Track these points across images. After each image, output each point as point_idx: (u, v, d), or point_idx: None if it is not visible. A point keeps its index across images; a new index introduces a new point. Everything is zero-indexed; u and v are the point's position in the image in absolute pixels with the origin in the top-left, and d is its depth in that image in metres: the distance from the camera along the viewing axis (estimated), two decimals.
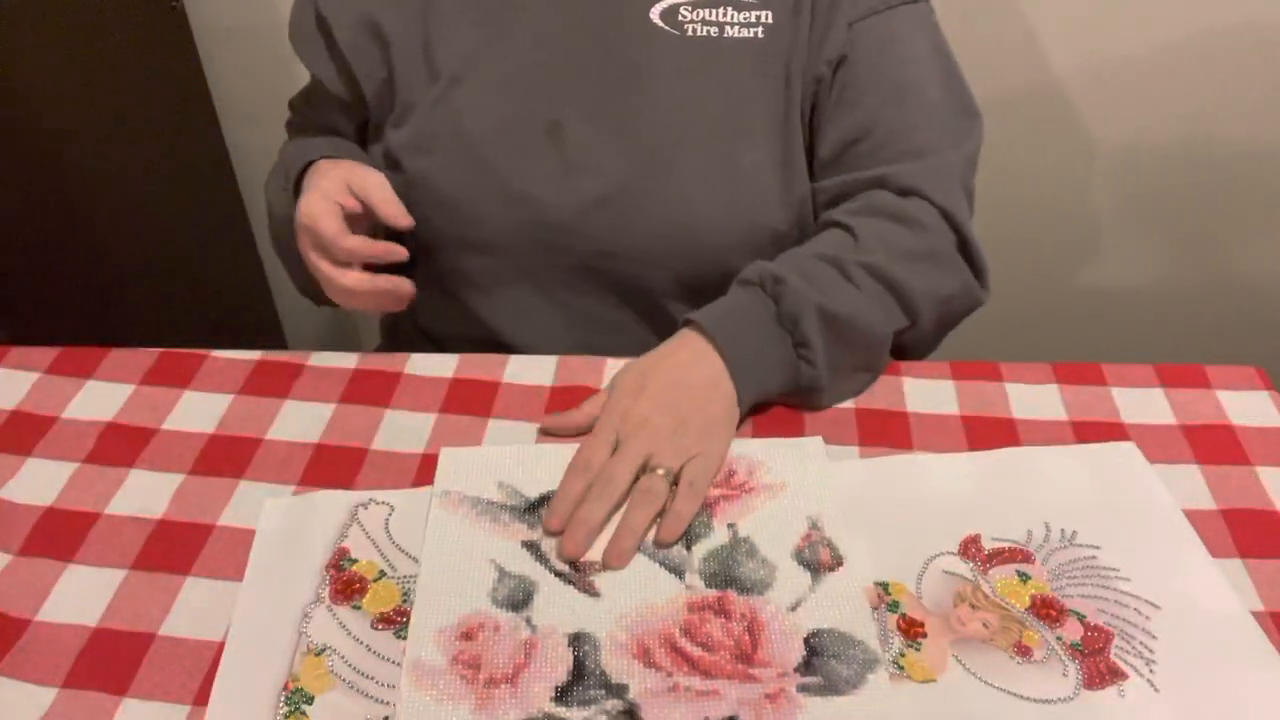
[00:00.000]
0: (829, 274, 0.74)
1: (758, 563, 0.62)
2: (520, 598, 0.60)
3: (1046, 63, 1.31)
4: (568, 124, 0.82)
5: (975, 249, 0.82)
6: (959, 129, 0.84)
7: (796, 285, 0.72)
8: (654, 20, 0.82)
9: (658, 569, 0.62)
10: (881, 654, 0.56)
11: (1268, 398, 0.73)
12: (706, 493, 0.66)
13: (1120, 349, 1.54)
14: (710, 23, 0.81)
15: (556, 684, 0.55)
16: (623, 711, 0.54)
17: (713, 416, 0.69)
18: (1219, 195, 1.40)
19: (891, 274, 0.75)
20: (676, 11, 0.82)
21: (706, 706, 0.54)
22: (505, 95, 0.83)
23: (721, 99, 0.82)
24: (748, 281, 0.74)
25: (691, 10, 0.82)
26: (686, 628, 0.58)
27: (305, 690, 0.55)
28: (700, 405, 0.69)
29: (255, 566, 0.62)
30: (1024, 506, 0.65)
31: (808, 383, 0.72)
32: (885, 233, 0.78)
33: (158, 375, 0.78)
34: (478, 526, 0.64)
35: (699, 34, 0.82)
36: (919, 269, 0.77)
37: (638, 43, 0.82)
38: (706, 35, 0.82)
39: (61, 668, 0.57)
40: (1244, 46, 1.26)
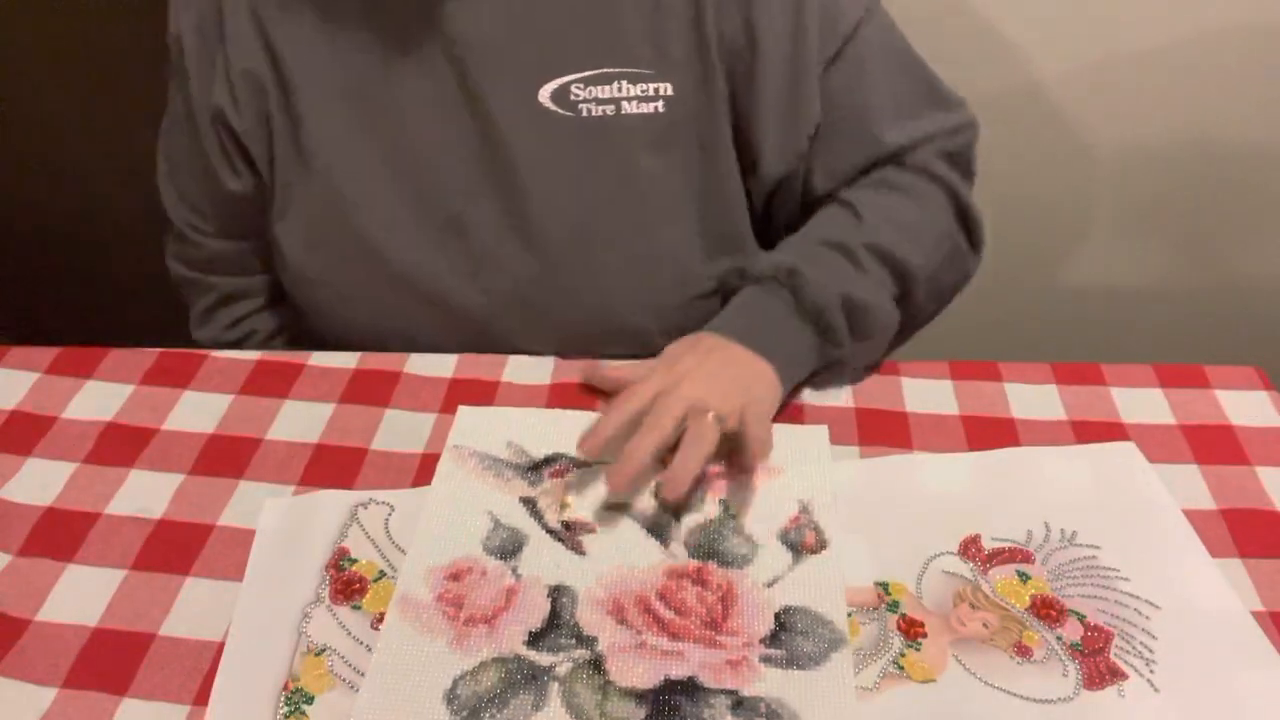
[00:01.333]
0: (839, 262, 0.74)
1: (742, 539, 0.63)
2: (510, 548, 0.63)
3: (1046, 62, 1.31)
4: (467, 217, 0.79)
5: (973, 217, 0.82)
6: (936, 115, 0.82)
7: (814, 276, 0.72)
8: (543, 103, 0.76)
9: (644, 535, 0.64)
10: (849, 636, 0.57)
11: (1267, 398, 0.73)
12: (771, 430, 0.68)
13: (1120, 349, 1.54)
14: (605, 100, 0.76)
15: (531, 629, 0.58)
16: (589, 661, 0.56)
17: (761, 376, 0.70)
18: (1218, 195, 1.40)
19: (894, 253, 0.75)
20: (568, 91, 0.76)
21: (668, 665, 0.56)
22: (395, 186, 0.79)
23: (629, 182, 0.78)
24: (762, 277, 0.74)
25: (584, 88, 0.76)
26: (663, 592, 0.60)
27: (305, 690, 0.55)
28: (748, 364, 0.70)
29: (255, 566, 0.62)
30: (1024, 506, 0.65)
31: (833, 361, 0.74)
32: (887, 208, 0.78)
33: (157, 375, 0.78)
34: (481, 479, 0.67)
35: (594, 114, 0.76)
36: (920, 243, 0.77)
37: (528, 128, 0.76)
38: (603, 115, 0.76)
39: (61, 668, 0.57)
40: (1244, 46, 1.26)
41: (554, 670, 0.56)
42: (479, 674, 0.56)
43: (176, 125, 0.85)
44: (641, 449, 0.64)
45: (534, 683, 0.55)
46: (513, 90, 0.76)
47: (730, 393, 0.67)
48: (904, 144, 0.80)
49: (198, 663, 0.57)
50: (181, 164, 0.86)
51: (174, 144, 0.87)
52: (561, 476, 0.68)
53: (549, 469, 0.68)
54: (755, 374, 0.70)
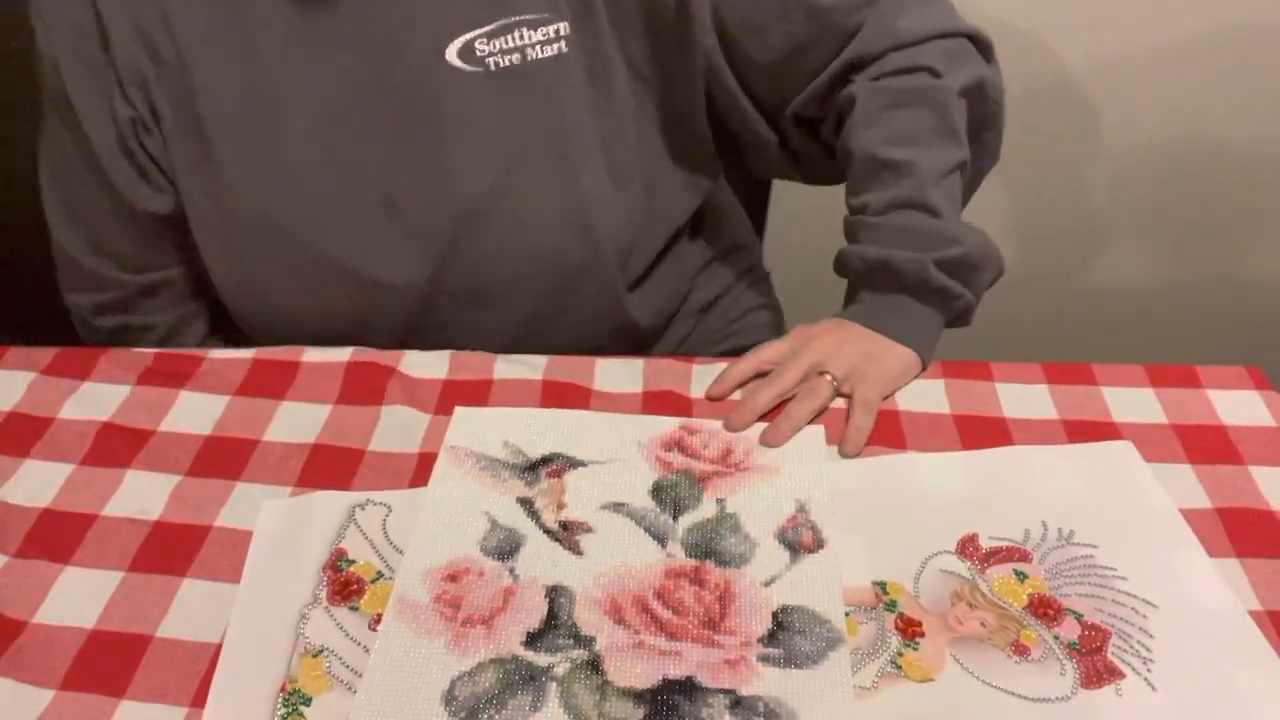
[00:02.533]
0: (914, 220, 0.76)
1: (740, 538, 0.63)
2: (508, 549, 0.63)
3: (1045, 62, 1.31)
4: (399, 193, 0.78)
5: (979, 36, 0.82)
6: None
7: (903, 257, 0.74)
8: (451, 61, 0.76)
9: (642, 535, 0.64)
10: (846, 635, 0.57)
11: (1259, 397, 0.73)
12: (877, 412, 0.71)
13: (1115, 349, 1.54)
14: (510, 50, 0.76)
15: (528, 630, 0.58)
16: (587, 662, 0.56)
17: (890, 351, 0.74)
18: (1217, 195, 1.40)
19: (945, 167, 0.77)
20: (473, 47, 0.76)
21: (666, 665, 0.56)
22: (316, 176, 0.77)
23: (547, 127, 0.79)
24: (860, 276, 0.78)
25: (488, 41, 0.76)
26: (660, 592, 0.60)
27: (303, 691, 0.55)
28: (881, 344, 0.75)
29: (253, 567, 0.62)
30: (1021, 506, 0.65)
31: (963, 309, 0.77)
32: (917, 129, 0.78)
33: (154, 376, 0.78)
34: (478, 480, 0.68)
35: (502, 65, 0.76)
36: (956, 135, 0.78)
37: (439, 88, 0.76)
38: (510, 65, 0.76)
39: (59, 669, 0.57)
40: (1244, 46, 1.26)
41: (552, 671, 0.56)
42: (477, 675, 0.56)
43: (69, 167, 0.80)
44: (763, 395, 0.71)
45: (532, 683, 0.55)
46: (420, 57, 0.76)
47: (854, 360, 0.73)
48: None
49: (195, 664, 0.57)
50: (86, 207, 0.82)
51: (71, 190, 0.82)
52: (558, 476, 0.68)
53: (546, 469, 0.69)
54: (886, 348, 0.75)
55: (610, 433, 0.71)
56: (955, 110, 0.78)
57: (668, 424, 0.72)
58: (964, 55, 0.80)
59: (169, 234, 0.83)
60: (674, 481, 0.67)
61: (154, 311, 0.89)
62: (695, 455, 0.69)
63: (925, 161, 0.76)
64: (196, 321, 0.92)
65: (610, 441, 0.70)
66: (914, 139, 0.77)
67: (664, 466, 0.68)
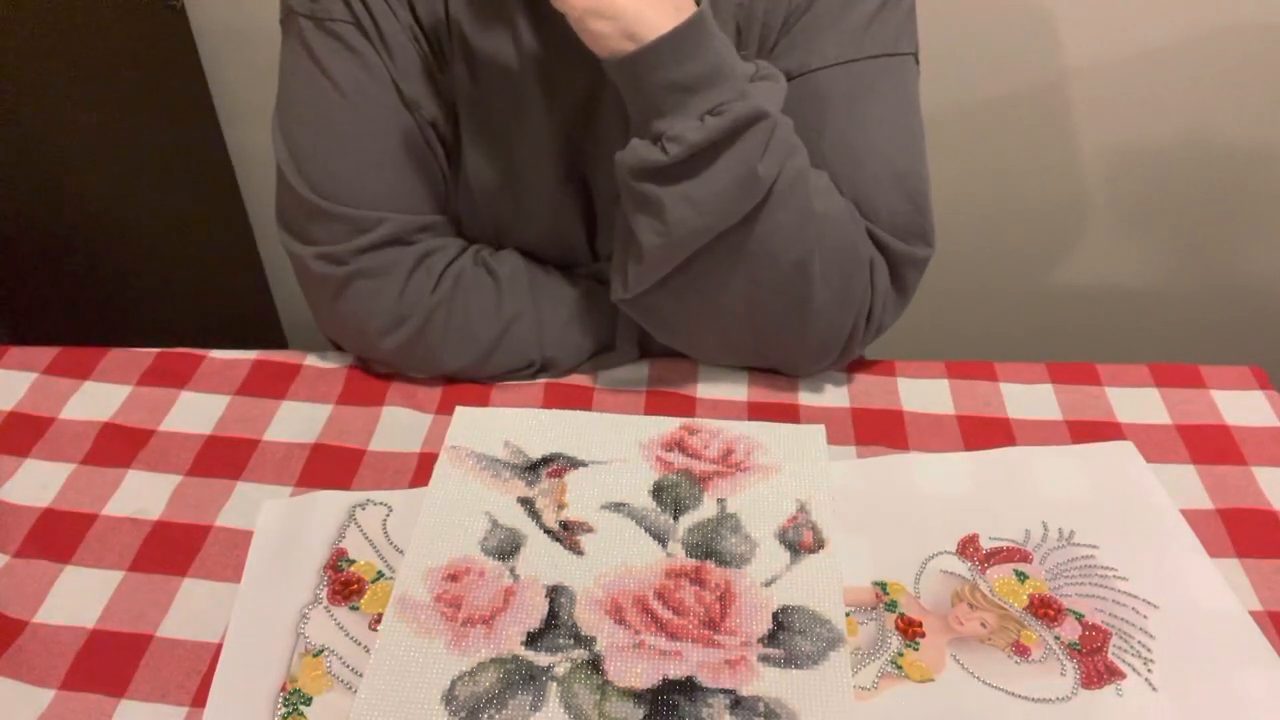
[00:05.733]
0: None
1: (740, 538, 0.63)
2: (508, 549, 0.63)
3: (1044, 62, 1.31)
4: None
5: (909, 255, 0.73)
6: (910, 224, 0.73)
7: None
8: None
9: (643, 535, 0.64)
10: (847, 635, 0.57)
11: (1263, 397, 0.73)
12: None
13: (1118, 349, 1.54)
14: None
15: (529, 629, 0.58)
16: (587, 662, 0.56)
17: None
18: (1217, 195, 1.40)
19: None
20: None
21: (667, 665, 0.56)
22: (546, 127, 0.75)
23: None
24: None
25: None
26: (661, 591, 0.60)
27: (303, 691, 0.55)
28: None
29: (253, 567, 0.62)
30: (1022, 506, 0.65)
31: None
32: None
33: (155, 376, 0.78)
34: (479, 480, 0.68)
35: None
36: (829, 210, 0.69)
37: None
38: None
39: (59, 669, 0.57)
40: (1244, 46, 1.26)
41: (552, 670, 0.56)
42: (477, 675, 0.56)
43: (359, 112, 0.73)
44: None
45: (532, 683, 0.55)
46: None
47: None
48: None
49: (196, 664, 0.57)
50: (381, 152, 0.74)
51: (361, 137, 0.73)
52: (559, 476, 0.68)
53: (546, 469, 0.69)
54: None
55: (611, 433, 0.71)
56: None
57: (668, 424, 0.72)
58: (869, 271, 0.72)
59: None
60: (674, 481, 0.68)
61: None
62: (696, 455, 0.69)
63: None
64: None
65: (611, 441, 0.71)
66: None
67: (664, 466, 0.69)
